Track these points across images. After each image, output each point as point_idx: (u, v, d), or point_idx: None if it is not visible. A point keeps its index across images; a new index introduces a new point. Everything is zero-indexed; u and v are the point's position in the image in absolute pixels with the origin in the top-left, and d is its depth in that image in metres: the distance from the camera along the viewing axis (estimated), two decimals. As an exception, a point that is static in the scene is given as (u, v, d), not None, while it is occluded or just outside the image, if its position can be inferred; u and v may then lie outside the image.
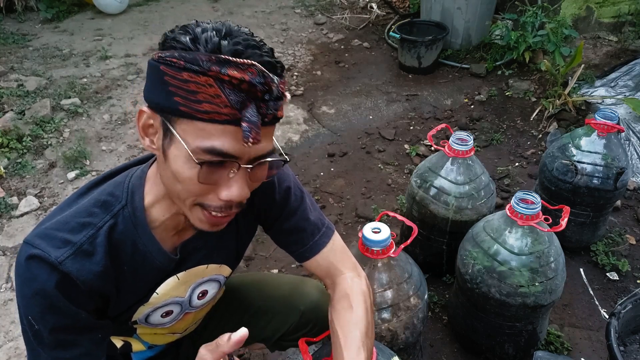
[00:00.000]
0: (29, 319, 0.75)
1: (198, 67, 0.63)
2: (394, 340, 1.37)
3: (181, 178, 0.70)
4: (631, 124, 2.62)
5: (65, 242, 0.74)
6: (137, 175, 0.82)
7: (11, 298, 1.99)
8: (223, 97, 0.64)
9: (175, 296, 0.91)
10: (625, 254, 2.08)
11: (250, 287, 1.23)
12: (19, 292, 0.75)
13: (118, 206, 0.79)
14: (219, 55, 0.63)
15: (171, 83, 0.65)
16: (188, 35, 0.66)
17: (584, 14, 3.38)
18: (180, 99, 0.65)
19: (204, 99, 0.64)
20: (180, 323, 1.00)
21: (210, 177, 0.70)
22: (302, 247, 1.00)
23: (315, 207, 1.04)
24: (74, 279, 0.73)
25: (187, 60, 0.64)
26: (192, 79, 0.64)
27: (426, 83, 3.50)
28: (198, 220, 0.76)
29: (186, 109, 0.65)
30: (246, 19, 4.43)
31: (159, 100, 0.68)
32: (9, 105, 2.98)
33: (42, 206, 2.45)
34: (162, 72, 0.66)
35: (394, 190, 2.54)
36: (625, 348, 1.45)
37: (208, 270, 0.94)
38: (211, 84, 0.64)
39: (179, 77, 0.64)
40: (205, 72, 0.63)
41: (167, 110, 0.68)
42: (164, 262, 0.84)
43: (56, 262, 0.72)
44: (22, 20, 4.38)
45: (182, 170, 0.69)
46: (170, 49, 0.67)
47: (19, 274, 0.75)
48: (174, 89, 0.65)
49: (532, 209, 1.41)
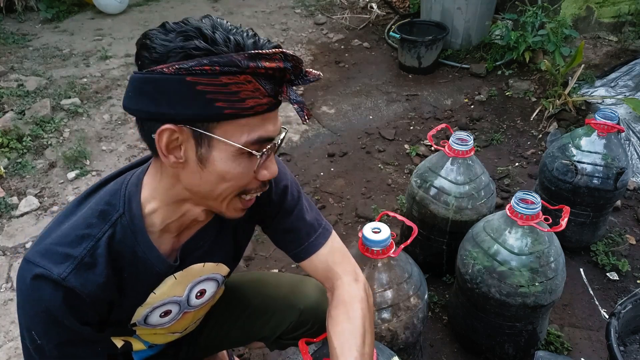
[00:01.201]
0: (31, 333, 0.75)
1: (237, 68, 0.65)
2: (394, 340, 1.37)
3: (232, 175, 0.73)
4: (631, 124, 2.62)
5: (66, 256, 0.74)
6: (133, 182, 0.82)
7: (11, 298, 1.99)
8: (262, 89, 0.68)
9: (173, 295, 0.92)
10: (625, 254, 2.08)
11: (249, 286, 1.23)
12: (22, 309, 0.76)
13: (116, 215, 0.79)
14: (251, 52, 0.66)
15: (208, 91, 0.65)
16: (196, 39, 0.66)
17: (584, 14, 3.38)
18: (223, 103, 0.66)
19: (246, 96, 0.67)
20: (179, 323, 1.00)
21: (263, 163, 0.75)
22: (298, 248, 1.00)
23: (312, 208, 1.04)
24: (79, 293, 0.74)
25: (223, 64, 0.64)
26: (232, 81, 0.65)
27: (426, 83, 3.50)
28: (233, 211, 0.81)
29: (231, 111, 0.67)
30: (246, 19, 4.43)
31: (195, 112, 0.67)
32: (9, 105, 2.98)
33: (42, 206, 2.45)
34: (192, 82, 0.65)
35: (394, 190, 2.54)
36: (625, 348, 1.45)
37: (205, 269, 0.94)
38: (250, 80, 0.66)
39: (217, 83, 0.65)
40: (244, 71, 0.65)
41: (206, 119, 0.68)
42: (163, 269, 0.85)
43: (59, 278, 0.72)
44: (22, 20, 4.38)
45: (232, 167, 0.72)
46: (186, 58, 0.65)
47: (23, 291, 0.75)
48: (212, 96, 0.66)
49: (532, 209, 1.41)
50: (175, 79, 0.65)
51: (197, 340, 1.19)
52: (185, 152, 0.72)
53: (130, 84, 0.71)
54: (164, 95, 0.67)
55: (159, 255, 0.82)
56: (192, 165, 0.73)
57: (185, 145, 0.71)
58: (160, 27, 0.71)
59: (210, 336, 1.20)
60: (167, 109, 0.68)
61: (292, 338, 1.18)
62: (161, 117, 0.69)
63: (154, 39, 0.68)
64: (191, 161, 0.72)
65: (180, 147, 0.71)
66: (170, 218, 0.82)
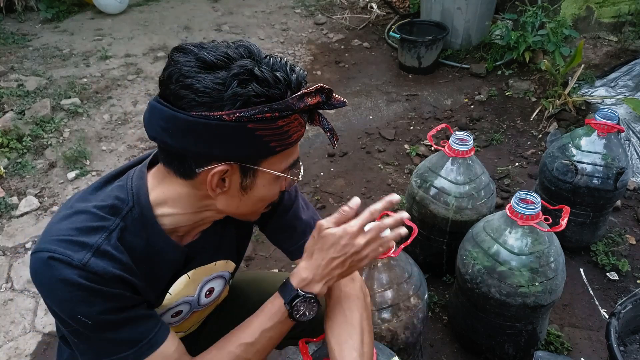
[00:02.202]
0: (78, 318, 0.73)
1: (290, 112, 0.71)
2: (394, 340, 1.37)
3: (269, 197, 0.82)
4: (631, 124, 2.62)
5: (82, 245, 0.73)
6: (137, 177, 0.82)
7: (11, 298, 2.00)
8: (302, 121, 0.75)
9: (186, 295, 0.93)
10: (625, 254, 2.08)
11: (248, 284, 1.23)
12: (53, 299, 0.74)
13: (126, 208, 0.79)
14: (298, 93, 0.71)
15: (265, 134, 0.71)
16: (251, 83, 0.68)
17: (584, 14, 3.38)
18: (276, 143, 0.73)
19: (293, 132, 0.74)
20: (186, 322, 1.02)
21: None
22: (294, 245, 1.02)
23: (309, 208, 1.05)
24: (103, 276, 0.73)
25: (280, 110, 0.70)
26: (285, 122, 0.72)
27: (426, 83, 3.50)
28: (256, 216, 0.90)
29: (282, 148, 0.74)
30: (246, 19, 4.43)
31: (251, 153, 0.73)
32: (9, 105, 2.97)
33: (42, 206, 2.45)
34: (252, 129, 0.69)
35: (394, 190, 2.54)
36: (625, 348, 1.45)
37: (216, 267, 0.96)
38: (297, 117, 0.73)
39: (274, 127, 0.71)
40: (295, 112, 0.72)
41: (258, 157, 0.74)
42: (176, 255, 0.85)
43: (80, 264, 0.71)
44: (22, 20, 4.37)
45: (271, 190, 0.80)
46: (245, 106, 0.68)
47: (44, 282, 0.73)
48: (269, 138, 0.71)
49: (532, 209, 1.41)
50: (235, 126, 0.68)
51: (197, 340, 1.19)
52: (230, 182, 0.76)
53: (166, 119, 0.70)
54: (220, 139, 0.70)
55: (170, 242, 0.83)
56: (233, 192, 0.78)
57: (232, 177, 0.76)
58: (197, 61, 0.69)
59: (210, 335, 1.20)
60: (219, 152, 0.72)
61: (291, 337, 1.18)
62: (210, 157, 0.73)
63: (200, 79, 0.68)
64: (234, 189, 0.77)
65: (224, 179, 0.76)
66: (185, 224, 0.83)
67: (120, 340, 0.77)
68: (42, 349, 1.80)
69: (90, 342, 0.77)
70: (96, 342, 0.77)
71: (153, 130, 0.73)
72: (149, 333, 0.79)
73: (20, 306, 1.96)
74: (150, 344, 0.79)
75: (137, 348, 0.78)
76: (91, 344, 0.77)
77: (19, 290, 2.03)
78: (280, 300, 0.84)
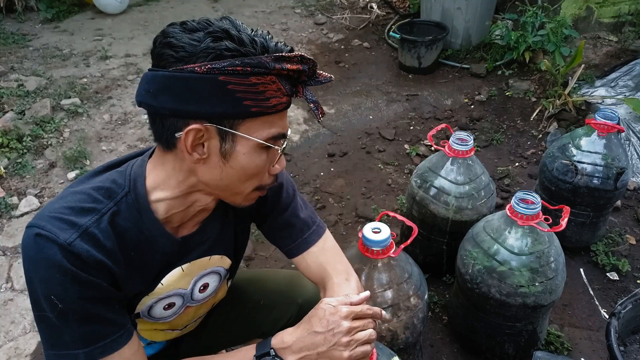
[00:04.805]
0: (51, 299, 0.73)
1: (264, 69, 0.70)
2: (394, 340, 1.37)
3: (252, 169, 0.79)
4: (631, 124, 2.62)
5: (72, 224, 0.74)
6: (138, 165, 0.84)
7: (11, 298, 2.00)
8: (283, 89, 0.74)
9: (179, 288, 0.93)
10: (625, 254, 2.08)
11: (248, 283, 1.23)
12: (34, 274, 0.74)
13: (121, 193, 0.80)
14: (276, 54, 0.71)
15: (238, 90, 0.70)
16: (225, 40, 0.69)
17: (584, 14, 3.38)
18: (251, 102, 0.71)
19: (270, 95, 0.72)
20: (180, 318, 1.01)
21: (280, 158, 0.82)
22: (291, 244, 1.03)
23: (307, 206, 1.06)
24: (85, 260, 0.73)
25: (253, 65, 0.69)
26: (260, 81, 0.71)
27: (426, 83, 3.50)
28: (246, 201, 0.86)
29: (257, 109, 0.72)
30: (246, 19, 4.43)
31: (224, 110, 0.71)
32: (9, 105, 2.98)
33: (42, 206, 2.45)
34: (224, 82, 0.69)
35: (394, 190, 2.54)
36: (625, 348, 1.45)
37: (211, 261, 0.96)
38: (274, 80, 0.72)
39: (247, 83, 0.70)
40: (270, 72, 0.71)
41: (233, 116, 0.73)
42: (168, 245, 0.85)
43: (65, 244, 0.72)
44: (22, 20, 4.37)
45: (252, 160, 0.78)
46: (217, 59, 0.69)
47: (30, 256, 0.74)
48: (241, 95, 0.70)
49: (532, 209, 1.41)
50: (206, 78, 0.69)
51: (198, 340, 1.19)
52: (209, 148, 0.75)
53: (149, 80, 0.73)
54: (193, 93, 0.70)
55: (164, 232, 0.83)
56: (213, 161, 0.76)
57: (210, 142, 0.74)
58: (180, 26, 0.73)
59: (211, 335, 1.20)
60: (194, 107, 0.71)
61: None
62: (186, 115, 0.72)
63: (179, 37, 0.71)
64: (213, 156, 0.76)
65: (204, 144, 0.75)
66: (177, 209, 0.83)
67: (78, 335, 0.76)
68: (42, 349, 1.80)
69: (52, 330, 0.76)
70: (56, 330, 0.76)
71: (139, 94, 0.75)
72: (107, 337, 0.78)
73: (21, 306, 1.96)
74: (104, 347, 0.78)
75: (91, 348, 0.77)
76: (52, 331, 0.76)
77: (19, 290, 2.03)
78: (252, 352, 0.86)
